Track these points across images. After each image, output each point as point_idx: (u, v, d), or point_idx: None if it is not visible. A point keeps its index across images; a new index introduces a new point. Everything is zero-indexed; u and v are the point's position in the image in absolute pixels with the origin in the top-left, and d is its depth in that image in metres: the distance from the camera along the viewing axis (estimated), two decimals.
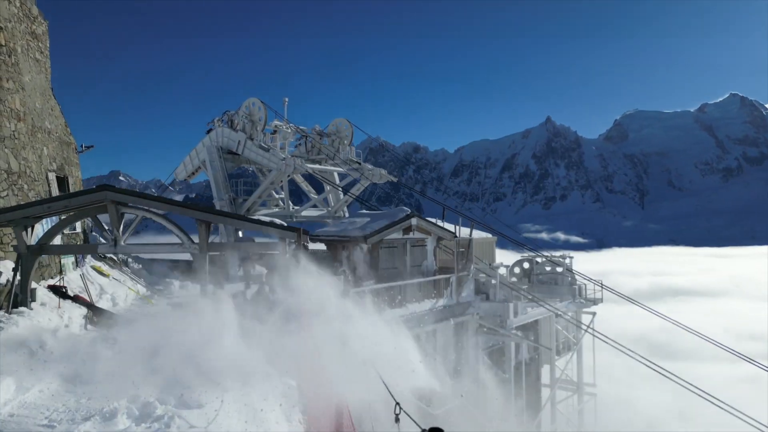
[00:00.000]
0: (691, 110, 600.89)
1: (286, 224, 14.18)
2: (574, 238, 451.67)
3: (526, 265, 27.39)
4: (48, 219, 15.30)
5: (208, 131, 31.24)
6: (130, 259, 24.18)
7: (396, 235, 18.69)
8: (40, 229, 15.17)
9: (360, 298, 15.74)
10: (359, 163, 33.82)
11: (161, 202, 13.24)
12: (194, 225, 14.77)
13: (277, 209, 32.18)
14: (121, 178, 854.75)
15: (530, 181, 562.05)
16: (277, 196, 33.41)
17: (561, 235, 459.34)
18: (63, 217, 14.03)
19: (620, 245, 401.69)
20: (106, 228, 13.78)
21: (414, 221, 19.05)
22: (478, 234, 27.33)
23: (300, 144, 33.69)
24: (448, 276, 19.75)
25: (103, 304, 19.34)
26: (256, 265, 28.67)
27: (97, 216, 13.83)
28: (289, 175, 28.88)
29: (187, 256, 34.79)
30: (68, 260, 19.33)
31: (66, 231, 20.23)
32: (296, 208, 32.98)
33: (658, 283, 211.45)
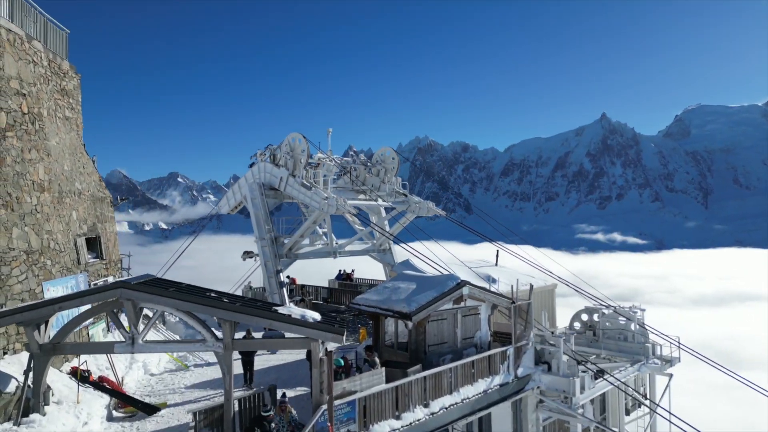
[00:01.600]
0: (759, 104, 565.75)
1: (320, 318, 12.47)
2: (632, 239, 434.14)
3: (596, 317, 24.17)
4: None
5: (251, 165, 30.37)
6: (166, 312, 23.21)
7: (445, 305, 16.73)
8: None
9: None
10: (406, 195, 31.91)
11: (182, 300, 11.76)
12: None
13: (320, 246, 30.95)
14: (179, 179, 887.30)
15: (584, 180, 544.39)
16: (321, 231, 32.13)
17: (618, 236, 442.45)
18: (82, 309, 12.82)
19: (682, 247, 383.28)
20: (124, 325, 12.46)
21: (465, 291, 16.95)
22: (536, 281, 24.90)
23: (344, 173, 32.40)
24: (504, 349, 17.57)
25: (133, 374, 18.24)
26: None
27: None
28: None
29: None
30: (98, 327, 18.37)
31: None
32: (339, 243, 31.60)
33: (724, 288, 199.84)
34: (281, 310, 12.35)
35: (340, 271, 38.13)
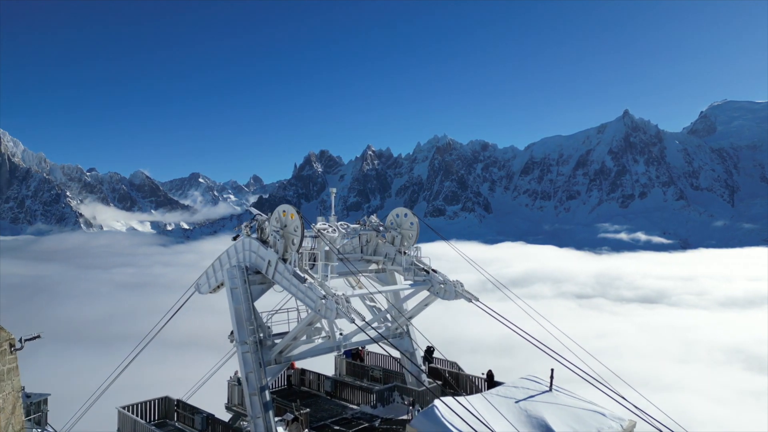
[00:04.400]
0: None
1: None
2: (656, 239, 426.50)
3: None
4: None
5: (235, 238, 24.75)
6: None
7: None
8: None
9: None
10: (427, 272, 25.43)
11: None
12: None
13: (320, 340, 24.89)
14: (200, 180, 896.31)
15: (606, 178, 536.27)
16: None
17: (642, 236, 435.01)
18: None
19: (708, 246, 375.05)
20: None
21: None
22: (608, 423, 18.80)
23: (352, 238, 27.26)
24: None
25: None
26: None
27: None
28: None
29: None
30: None
31: None
32: (344, 335, 25.04)
33: (753, 289, 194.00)
34: None
35: None
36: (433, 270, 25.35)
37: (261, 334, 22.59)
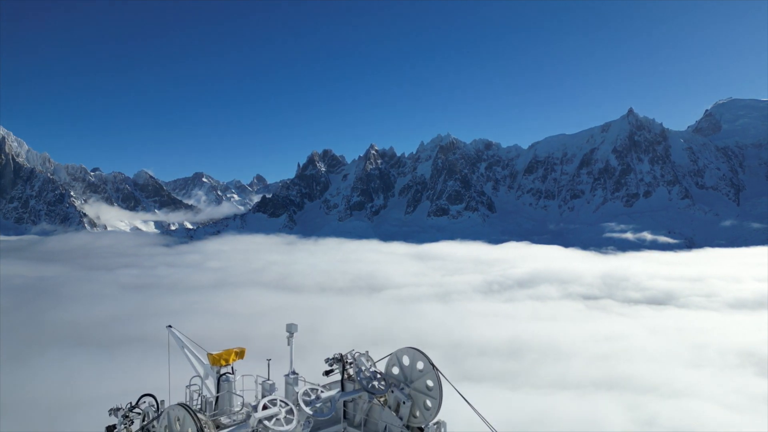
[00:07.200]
0: None
1: None
2: (662, 238, 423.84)
3: None
4: None
5: (110, 429, 15.07)
6: None
7: None
8: None
9: None
10: None
11: None
12: None
13: None
14: (204, 179, 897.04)
15: (611, 177, 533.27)
16: None
17: (648, 235, 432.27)
18: None
19: (714, 245, 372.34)
20: None
21: None
22: None
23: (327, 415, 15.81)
24: None
25: None
26: None
27: None
28: None
29: None
30: None
31: None
32: None
33: (762, 290, 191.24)
34: None
35: None
36: None
37: None
